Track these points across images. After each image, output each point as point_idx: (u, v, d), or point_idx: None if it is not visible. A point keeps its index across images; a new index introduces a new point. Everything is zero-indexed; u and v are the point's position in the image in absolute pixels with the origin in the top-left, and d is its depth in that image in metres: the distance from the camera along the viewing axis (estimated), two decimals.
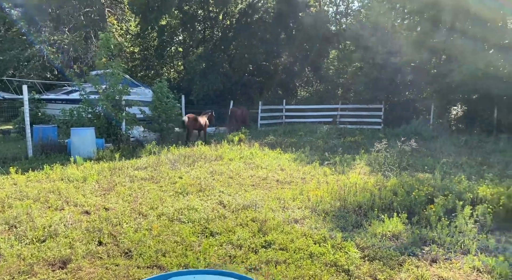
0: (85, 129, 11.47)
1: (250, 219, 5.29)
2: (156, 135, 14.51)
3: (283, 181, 7.99)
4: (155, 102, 14.45)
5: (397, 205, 5.43)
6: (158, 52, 27.60)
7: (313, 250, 4.26)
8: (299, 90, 27.48)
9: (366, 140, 13.62)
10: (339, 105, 21.49)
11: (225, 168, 9.19)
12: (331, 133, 16.24)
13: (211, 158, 10.48)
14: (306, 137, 14.72)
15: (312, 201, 6.07)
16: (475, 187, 5.80)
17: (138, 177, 8.33)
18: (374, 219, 5.21)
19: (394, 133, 16.28)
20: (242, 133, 14.39)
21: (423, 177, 7.91)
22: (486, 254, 4.17)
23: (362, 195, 5.99)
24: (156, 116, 14.38)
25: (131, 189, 7.32)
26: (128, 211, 5.79)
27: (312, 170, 8.89)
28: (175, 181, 7.93)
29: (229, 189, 7.23)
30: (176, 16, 24.72)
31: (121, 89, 13.38)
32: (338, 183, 7.45)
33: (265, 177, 8.34)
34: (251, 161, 10.23)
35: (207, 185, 7.50)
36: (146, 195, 6.81)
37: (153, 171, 8.92)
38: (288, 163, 9.88)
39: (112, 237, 4.81)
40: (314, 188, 6.93)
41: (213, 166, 9.48)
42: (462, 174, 8.16)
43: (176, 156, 10.61)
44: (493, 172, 8.70)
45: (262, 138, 14.63)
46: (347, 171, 8.81)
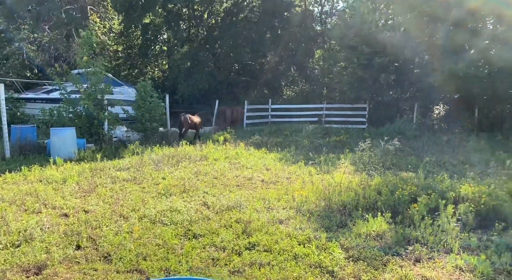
0: (65, 129, 11.20)
1: (234, 220, 5.20)
2: (140, 136, 14.28)
3: (268, 181, 7.93)
4: (139, 101, 14.21)
5: (382, 205, 5.42)
6: (142, 51, 27.22)
7: (298, 251, 4.20)
8: (285, 90, 27.49)
9: (351, 139, 13.68)
10: (325, 105, 21.58)
11: (210, 168, 9.08)
12: (317, 133, 16.26)
13: (196, 158, 10.36)
14: (292, 137, 14.71)
15: (297, 201, 6.02)
16: (457, 185, 5.84)
17: (120, 178, 8.15)
18: (358, 218, 5.19)
19: (378, 133, 16.39)
20: (228, 133, 14.28)
21: (406, 176, 7.96)
22: (469, 253, 4.19)
23: (346, 195, 5.97)
24: (139, 116, 14.14)
25: (113, 190, 7.15)
26: (108, 213, 5.64)
27: (297, 170, 8.86)
28: (158, 182, 7.79)
29: (213, 189, 7.13)
30: (160, 14, 24.42)
31: (103, 88, 13.13)
32: (323, 182, 7.43)
33: (250, 177, 8.27)
34: (236, 161, 10.15)
35: (191, 186, 7.39)
36: (128, 197, 6.66)
37: (136, 172, 8.75)
38: (274, 162, 9.83)
39: (91, 241, 4.67)
40: (299, 188, 6.89)
41: (197, 166, 9.36)
42: (444, 173, 8.26)
43: (159, 156, 10.44)
44: (474, 170, 8.83)
45: (247, 138, 14.55)
46: (332, 171, 8.80)
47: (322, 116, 21.34)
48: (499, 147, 12.78)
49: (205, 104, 22.50)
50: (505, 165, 9.21)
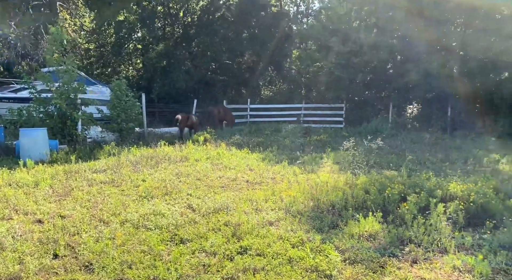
0: (36, 130, 10.63)
1: (222, 223, 4.98)
2: (115, 136, 13.80)
3: (253, 181, 7.74)
4: (114, 101, 13.72)
5: (371, 204, 5.34)
6: (115, 49, 26.44)
7: (292, 254, 4.04)
8: (263, 90, 27.38)
9: (330, 138, 13.70)
10: (303, 105, 21.61)
11: (192, 169, 8.80)
12: (296, 132, 16.22)
13: (176, 159, 10.04)
14: (273, 137, 14.57)
15: (285, 202, 5.87)
16: (443, 183, 5.85)
17: (97, 180, 7.76)
18: (349, 218, 5.08)
19: (356, 132, 16.54)
20: (207, 133, 14.00)
21: (390, 174, 7.97)
22: (464, 252, 4.15)
23: (334, 194, 5.87)
24: (115, 116, 13.64)
25: (90, 193, 6.78)
26: (87, 218, 5.30)
27: (281, 170, 8.72)
28: (138, 184, 7.46)
29: (197, 191, 6.88)
30: (135, 11, 23.77)
31: (76, 87, 12.59)
32: (309, 182, 7.31)
33: (234, 177, 8.06)
34: (218, 161, 9.90)
35: (174, 188, 7.10)
36: (107, 200, 6.31)
37: (114, 174, 8.37)
38: (257, 162, 9.65)
39: (69, 249, 4.34)
40: (285, 188, 6.74)
41: (178, 167, 9.06)
42: (427, 171, 8.32)
43: (137, 157, 10.06)
44: (454, 168, 8.97)
45: (228, 138, 14.30)
46: (316, 170, 8.72)
47: (300, 116, 21.38)
48: (473, 144, 13.12)
49: (182, 103, 22.11)
50: (482, 163, 9.41)
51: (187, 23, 26.15)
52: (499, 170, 8.51)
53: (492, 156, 9.56)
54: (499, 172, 8.11)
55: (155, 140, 13.56)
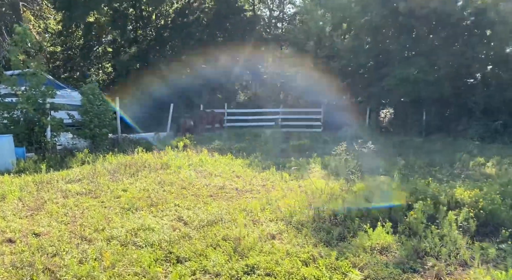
0: (0, 137, 9.78)
1: (220, 237, 4.54)
2: (88, 143, 13.00)
3: (242, 189, 7.32)
4: (86, 105, 12.93)
5: (377, 212, 5.05)
6: (84, 52, 25.37)
7: (306, 273, 3.66)
8: (239, 94, 27.01)
9: (313, 143, 13.46)
10: (281, 109, 21.38)
11: (175, 177, 8.28)
12: (277, 137, 15.94)
13: (156, 166, 9.46)
14: (255, 142, 14.20)
15: (283, 212, 5.49)
16: (447, 189, 5.66)
17: (73, 192, 7.11)
18: (356, 229, 4.77)
19: (337, 137, 16.43)
20: (187, 138, 13.44)
21: (383, 180, 7.77)
22: (486, 265, 3.90)
23: (334, 202, 5.55)
24: (87, 121, 12.86)
25: (66, 206, 6.15)
26: (66, 236, 4.72)
27: (270, 176, 8.35)
28: (119, 195, 6.87)
29: (185, 201, 6.39)
30: (106, 13, 22.85)
31: (45, 91, 11.77)
32: (302, 189, 6.99)
33: (221, 185, 7.61)
34: (202, 168, 9.41)
35: (159, 198, 6.58)
36: (86, 214, 5.72)
37: (90, 184, 7.73)
38: (243, 169, 9.24)
39: (49, 273, 3.77)
40: (280, 196, 6.37)
41: (160, 176, 8.50)
42: (418, 175, 8.20)
43: (114, 165, 9.42)
44: (443, 172, 8.91)
45: (208, 143, 13.80)
46: (305, 176, 8.41)
47: (278, 120, 21.16)
48: (454, 148, 13.24)
49: (157, 108, 21.35)
50: (468, 166, 9.41)
51: (160, 26, 25.46)
52: (487, 173, 8.51)
53: (476, 159, 9.57)
54: (489, 176, 8.09)
55: (131, 146, 12.90)
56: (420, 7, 16.32)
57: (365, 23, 18.47)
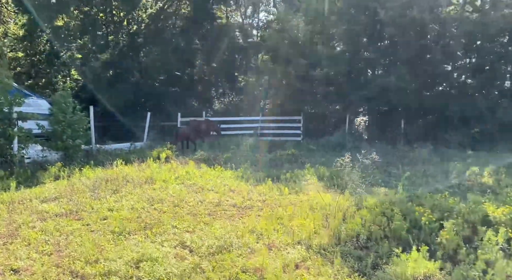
0: None
1: (239, 268, 3.97)
2: (59, 155, 12.00)
3: (242, 205, 6.76)
4: (58, 115, 11.96)
5: (406, 234, 4.59)
6: (50, 58, 23.97)
7: None
8: (216, 102, 26.40)
9: (301, 152, 13.04)
10: (260, 117, 20.94)
11: (163, 193, 7.60)
12: (260, 146, 15.47)
13: (140, 181, 8.72)
14: (240, 152, 13.65)
15: (298, 233, 4.98)
16: (470, 205, 5.31)
17: (51, 213, 6.31)
18: (385, 254, 4.30)
19: (320, 145, 16.18)
20: (168, 149, 12.70)
21: (385, 191, 7.45)
22: None
23: (352, 222, 5.11)
24: (59, 132, 11.87)
25: (46, 231, 5.37)
26: (53, 272, 3.99)
27: (267, 190, 7.82)
28: (105, 216, 6.14)
29: (182, 222, 5.75)
30: (76, 17, 21.71)
31: (12, 99, 10.76)
32: (306, 204, 6.52)
33: (217, 202, 7.01)
34: (190, 182, 8.77)
35: (151, 219, 5.91)
36: (72, 241, 4.98)
37: (69, 202, 6.93)
38: (235, 182, 8.67)
39: None
40: (288, 215, 5.86)
41: (146, 192, 7.79)
42: (419, 188, 7.91)
43: (93, 180, 8.61)
44: (444, 183, 8.70)
45: (190, 153, 13.12)
46: (302, 188, 7.96)
47: (257, 129, 20.69)
48: (438, 156, 13.24)
49: (130, 117, 20.40)
50: (464, 176, 9.25)
51: (133, 31, 24.50)
52: (485, 183, 8.38)
53: (471, 169, 9.44)
54: (489, 187, 7.94)
55: (107, 158, 12.02)
56: (399, 15, 16.44)
57: (344, 32, 18.43)
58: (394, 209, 5.27)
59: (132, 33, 24.03)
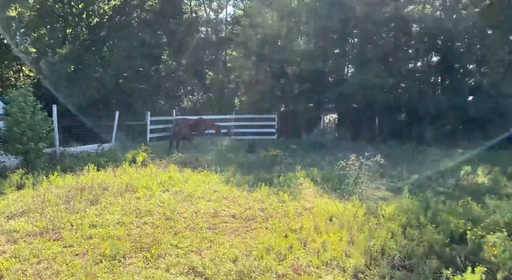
0: None
1: None
2: (19, 160, 10.76)
3: (242, 216, 6.13)
4: (17, 115, 10.67)
5: (452, 251, 4.08)
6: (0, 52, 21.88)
7: None
8: (185, 100, 25.37)
9: (285, 152, 12.51)
10: (233, 116, 20.26)
11: (150, 203, 6.81)
12: (237, 147, 14.87)
13: (120, 189, 7.84)
14: (220, 153, 12.96)
15: (323, 252, 4.42)
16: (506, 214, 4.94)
17: (22, 232, 5.38)
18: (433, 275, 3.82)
19: (299, 144, 15.76)
20: (143, 151, 11.76)
21: (390, 195, 7.10)
22: None
23: (379, 235, 4.62)
24: (17, 134, 10.60)
25: (19, 258, 4.48)
26: None
27: (264, 197, 7.23)
28: (89, 234, 5.30)
29: (183, 240, 5.03)
30: (32, 7, 19.90)
31: None
32: (315, 213, 6.01)
33: (214, 212, 6.33)
34: (175, 188, 8.00)
35: (146, 237, 5.14)
36: (56, 270, 4.13)
37: (42, 218, 5.98)
38: (226, 187, 8.00)
39: None
40: (301, 227, 5.30)
41: (130, 201, 6.96)
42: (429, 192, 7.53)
43: (65, 190, 7.63)
44: (441, 184, 8.49)
45: (166, 156, 12.23)
46: (301, 194, 7.45)
47: (230, 128, 20.01)
48: (421, 154, 13.23)
49: (94, 116, 19.03)
50: (459, 176, 9.05)
51: (93, 24, 22.90)
52: (481, 183, 8.27)
53: (464, 168, 9.34)
54: (488, 188, 7.80)
55: (74, 162, 10.95)
56: (376, 12, 16.36)
57: (320, 28, 18.13)
58: (421, 218, 4.86)
59: (93, 26, 22.45)
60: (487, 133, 17.02)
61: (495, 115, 16.74)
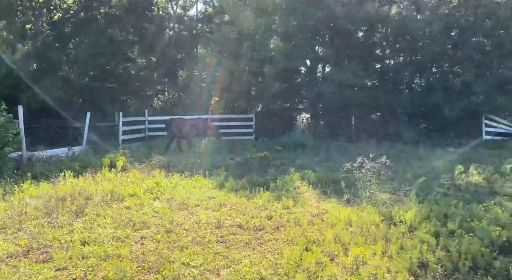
0: None
1: None
2: None
3: (249, 226, 5.67)
4: None
5: (500, 266, 3.80)
6: None
7: None
8: (155, 99, 24.43)
9: (272, 154, 12.11)
10: (210, 116, 19.64)
11: (143, 214, 6.21)
12: (219, 148, 14.35)
13: (104, 197, 7.15)
14: (204, 154, 12.39)
15: (362, 268, 4.05)
16: None
17: (2, 253, 4.64)
18: None
19: (281, 144, 15.41)
20: (121, 154, 10.97)
21: (396, 198, 6.89)
22: None
23: (411, 247, 4.30)
24: None
25: None
26: None
27: (266, 203, 6.80)
28: (82, 253, 4.66)
29: (194, 257, 4.50)
30: None
31: None
32: (327, 219, 5.68)
33: (216, 222, 5.83)
34: (165, 196, 7.41)
35: (151, 254, 4.58)
36: None
37: (22, 235, 5.26)
38: (221, 193, 7.50)
39: None
40: (319, 238, 4.93)
41: (119, 211, 6.32)
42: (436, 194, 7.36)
43: (43, 200, 6.86)
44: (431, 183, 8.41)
45: (144, 159, 11.48)
46: (303, 200, 7.10)
47: None
48: (404, 153, 13.26)
49: (60, 117, 17.79)
50: (454, 176, 8.98)
51: (56, 20, 21.47)
52: (477, 183, 8.25)
53: (456, 168, 9.31)
54: (491, 190, 7.77)
55: (46, 168, 10.04)
56: (353, 11, 16.34)
57: (297, 26, 17.90)
58: (450, 226, 4.60)
59: (56, 21, 21.04)
60: (460, 132, 17.55)
61: (468, 113, 17.24)
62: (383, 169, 6.69)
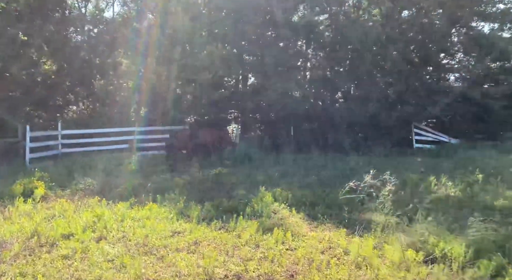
0: None
1: None
2: None
3: (252, 276, 4.22)
4: None
5: None
6: None
7: None
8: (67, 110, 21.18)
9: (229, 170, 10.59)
10: (136, 128, 17.38)
11: (97, 267, 4.37)
12: (157, 164, 12.47)
13: (27, 243, 5.09)
14: (140, 173, 10.42)
15: None
16: None
17: None
18: None
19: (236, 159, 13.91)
20: (37, 179, 8.57)
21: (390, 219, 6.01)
22: None
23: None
24: None
25: None
26: None
27: (253, 238, 5.38)
28: None
29: None
30: None
31: None
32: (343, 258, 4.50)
33: (204, 273, 4.27)
34: (115, 234, 5.57)
35: None
36: None
37: None
38: (188, 225, 5.88)
39: None
40: None
41: (54, 264, 4.40)
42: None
43: None
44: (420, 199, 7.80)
45: (66, 183, 9.17)
46: (292, 228, 5.84)
47: (133, 141, 17.15)
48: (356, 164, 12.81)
49: None
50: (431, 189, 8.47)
51: None
52: (458, 196, 7.80)
53: (429, 179, 8.84)
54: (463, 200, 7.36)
55: None
56: (298, 17, 15.80)
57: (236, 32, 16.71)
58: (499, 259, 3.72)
59: None
60: (395, 140, 17.96)
61: (402, 123, 17.72)
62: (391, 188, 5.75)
